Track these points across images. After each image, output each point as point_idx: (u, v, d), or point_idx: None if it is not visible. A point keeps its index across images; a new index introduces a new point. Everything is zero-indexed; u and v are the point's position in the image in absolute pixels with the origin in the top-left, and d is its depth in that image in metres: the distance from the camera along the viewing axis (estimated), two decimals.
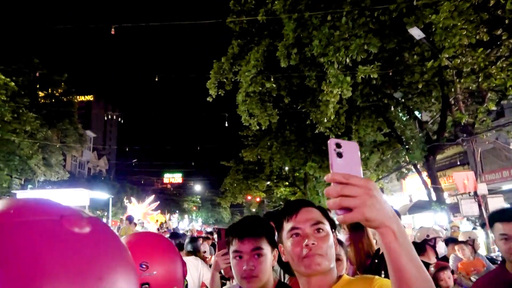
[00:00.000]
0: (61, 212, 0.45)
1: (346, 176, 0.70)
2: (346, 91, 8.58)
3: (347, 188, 0.69)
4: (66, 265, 0.40)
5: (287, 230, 1.21)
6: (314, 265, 1.12)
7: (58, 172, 22.27)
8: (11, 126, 15.84)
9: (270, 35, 11.06)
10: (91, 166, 46.39)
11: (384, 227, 0.71)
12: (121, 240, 0.52)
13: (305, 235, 1.16)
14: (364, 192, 0.69)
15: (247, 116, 11.74)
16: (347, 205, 0.68)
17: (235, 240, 1.49)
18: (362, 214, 0.68)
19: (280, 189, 24.48)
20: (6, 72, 16.86)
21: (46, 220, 0.44)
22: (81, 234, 0.44)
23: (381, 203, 0.71)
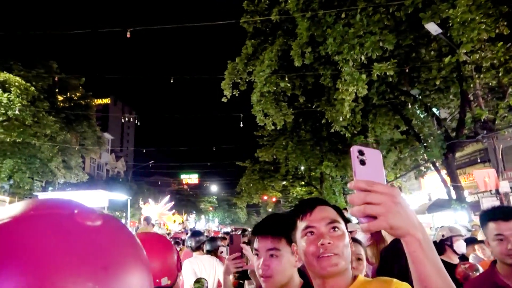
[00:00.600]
0: (74, 208, 0.49)
1: (370, 183, 0.69)
2: (361, 89, 8.49)
3: (371, 195, 0.68)
4: (75, 255, 0.42)
5: (301, 229, 1.18)
6: (330, 266, 1.09)
7: (77, 174, 22.73)
8: (32, 129, 16.24)
9: (284, 35, 11.03)
10: (109, 168, 47.14)
11: (409, 235, 0.69)
12: (135, 237, 0.53)
13: (320, 234, 1.13)
14: (388, 199, 0.68)
15: (262, 116, 11.74)
16: (371, 212, 0.67)
17: (254, 239, 1.52)
18: (387, 222, 0.67)
19: (296, 188, 24.39)
20: (26, 77, 17.29)
21: (59, 214, 0.47)
22: (92, 227, 0.47)
23: (406, 211, 0.69)
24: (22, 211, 0.46)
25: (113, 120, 61.89)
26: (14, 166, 16.49)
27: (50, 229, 0.44)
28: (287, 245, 1.45)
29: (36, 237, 0.42)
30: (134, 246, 0.51)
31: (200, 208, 51.57)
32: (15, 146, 16.55)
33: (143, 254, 0.52)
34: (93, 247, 0.45)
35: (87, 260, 0.43)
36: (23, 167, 16.98)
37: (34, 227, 0.43)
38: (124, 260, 0.47)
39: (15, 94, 14.82)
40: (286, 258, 1.44)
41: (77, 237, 0.45)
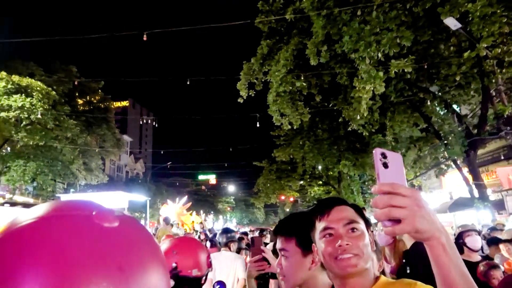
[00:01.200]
0: (93, 209, 0.50)
1: (394, 186, 0.68)
2: (379, 87, 8.37)
3: (396, 198, 0.67)
4: (90, 255, 0.44)
5: (319, 230, 1.15)
6: (349, 266, 1.06)
7: (98, 176, 23.19)
8: (54, 133, 16.65)
9: (299, 34, 10.98)
10: (128, 169, 47.91)
11: (433, 239, 0.69)
12: (152, 238, 0.54)
13: (339, 235, 1.11)
14: (413, 202, 0.67)
15: (279, 115, 11.71)
16: (396, 215, 0.66)
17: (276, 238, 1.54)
18: (412, 225, 0.66)
19: (314, 188, 24.25)
20: (48, 82, 17.75)
21: (78, 215, 0.49)
22: (110, 228, 0.48)
23: (430, 214, 0.69)
24: (45, 212, 0.48)
25: (131, 122, 62.84)
26: (37, 169, 16.94)
27: (68, 230, 0.45)
28: (296, 246, 1.42)
29: (54, 238, 0.44)
30: (151, 247, 0.52)
31: (218, 209, 51.87)
32: (38, 149, 17.00)
33: (160, 255, 0.53)
34: (109, 248, 0.46)
35: (102, 260, 0.44)
36: (46, 169, 17.42)
37: (54, 228, 0.45)
38: (140, 261, 0.48)
39: (37, 98, 15.22)
40: (295, 259, 1.41)
41: (94, 238, 0.46)
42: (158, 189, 35.86)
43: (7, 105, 14.40)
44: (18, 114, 14.60)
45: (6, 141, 16.79)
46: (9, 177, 16.71)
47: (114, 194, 15.23)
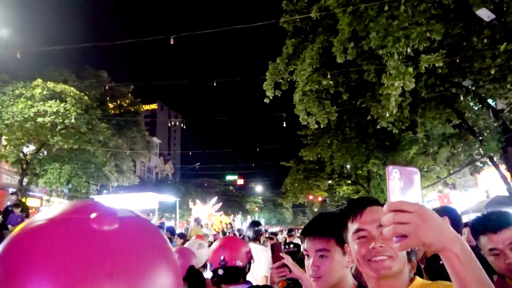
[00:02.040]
0: (93, 212, 0.48)
1: (397, 204, 0.71)
2: (408, 83, 8.15)
3: (400, 215, 0.69)
4: (81, 260, 0.43)
5: (352, 231, 1.14)
6: (383, 268, 1.05)
7: (129, 178, 23.82)
8: (86, 136, 17.22)
9: (325, 32, 10.85)
10: (158, 171, 48.93)
11: (445, 250, 0.70)
12: (163, 240, 0.53)
13: (372, 237, 1.09)
14: (417, 217, 0.69)
15: (305, 115, 11.61)
16: (401, 231, 0.69)
17: (304, 239, 1.52)
18: (417, 239, 0.68)
19: (343, 187, 23.90)
20: (80, 87, 18.39)
21: (75, 218, 0.48)
22: (106, 232, 0.47)
23: (438, 226, 0.70)
24: (52, 215, 0.48)
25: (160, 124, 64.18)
26: (71, 171, 17.58)
27: (61, 234, 0.45)
28: (336, 245, 1.42)
29: (49, 241, 0.44)
30: (157, 250, 0.50)
31: (246, 209, 52.09)
32: (72, 153, 17.64)
33: (169, 258, 0.51)
34: (100, 253, 0.44)
35: (92, 266, 0.43)
36: (80, 172, 18.05)
37: (50, 232, 0.46)
38: (138, 266, 0.46)
39: (71, 103, 15.79)
40: (336, 258, 1.42)
41: (86, 243, 0.45)
42: (187, 189, 36.43)
43: (43, 110, 15.02)
44: (53, 119, 15.20)
45: (43, 145, 17.53)
46: (46, 179, 17.43)
47: (145, 195, 15.61)
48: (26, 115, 14.78)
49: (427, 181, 17.01)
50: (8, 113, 14.73)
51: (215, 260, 2.18)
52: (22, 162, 17.23)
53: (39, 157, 17.61)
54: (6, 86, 15.75)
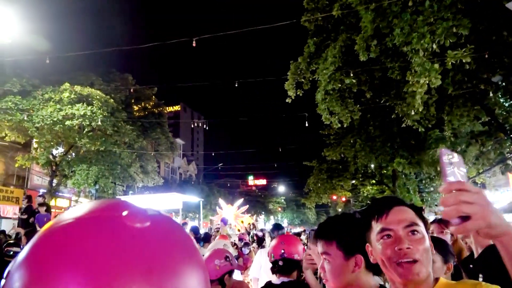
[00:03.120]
0: (124, 209, 0.49)
1: (460, 183, 0.68)
2: (434, 80, 7.93)
3: (465, 194, 0.66)
4: (118, 257, 0.43)
5: (376, 231, 1.09)
6: (411, 274, 1.00)
7: (153, 178, 24.25)
8: (113, 138, 17.65)
9: (347, 29, 10.72)
10: (182, 171, 49.56)
11: (506, 235, 0.67)
12: (189, 238, 0.53)
13: (398, 238, 1.04)
14: (482, 198, 0.66)
15: (328, 114, 11.49)
16: (467, 210, 0.65)
17: None
18: (484, 219, 0.65)
19: (367, 187, 23.53)
20: (106, 90, 18.86)
21: (108, 216, 0.48)
22: (140, 229, 0.47)
23: (497, 211, 0.67)
24: (78, 213, 0.48)
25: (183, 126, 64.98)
26: (98, 172, 18.04)
27: (97, 231, 0.45)
28: (337, 249, 1.38)
29: (83, 239, 0.44)
30: (185, 248, 0.50)
31: (269, 209, 52.07)
32: (99, 154, 18.11)
33: (196, 256, 0.51)
34: (137, 249, 0.45)
35: (130, 262, 0.43)
36: (107, 173, 18.50)
37: (84, 230, 0.46)
38: (171, 262, 0.46)
39: (97, 106, 16.22)
40: (337, 262, 1.37)
41: (122, 239, 0.45)
42: (210, 190, 36.77)
43: (71, 113, 15.49)
44: (80, 121, 15.65)
45: (71, 147, 18.08)
46: (74, 180, 17.96)
47: (170, 196, 15.87)
48: (55, 119, 15.27)
49: None
50: (38, 117, 15.27)
51: (276, 253, 2.52)
52: (51, 164, 17.82)
53: (67, 159, 18.17)
54: (37, 90, 16.34)
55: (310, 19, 11.34)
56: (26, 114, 15.21)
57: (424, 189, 20.35)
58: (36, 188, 20.94)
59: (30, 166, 19.77)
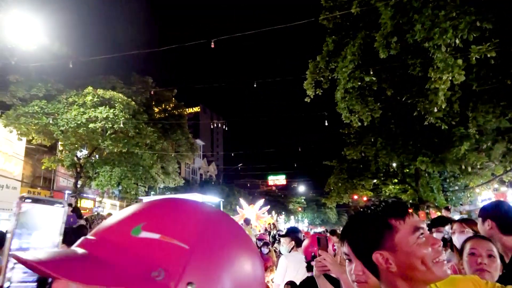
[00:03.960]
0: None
1: None
2: (458, 76, 7.73)
3: None
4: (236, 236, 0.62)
5: (406, 231, 1.05)
6: (445, 272, 1.01)
7: (175, 179, 24.54)
8: (134, 140, 17.95)
9: (366, 27, 10.57)
10: (202, 172, 49.99)
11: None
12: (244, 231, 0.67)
13: (429, 236, 1.05)
14: None
15: (347, 113, 11.37)
16: None
17: None
18: None
19: (389, 187, 23.12)
20: (127, 93, 19.22)
21: (224, 213, 0.66)
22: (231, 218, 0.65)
23: None
24: (213, 211, 0.63)
25: (203, 126, 65.58)
26: (121, 174, 18.39)
27: (235, 223, 0.64)
28: (351, 251, 1.29)
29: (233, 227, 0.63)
30: (246, 238, 0.64)
31: (289, 209, 51.91)
32: (121, 156, 18.46)
33: (253, 243, 0.65)
34: (243, 232, 0.64)
35: (245, 242, 0.62)
36: (129, 174, 18.84)
37: (231, 222, 0.64)
38: (251, 244, 0.64)
39: (119, 109, 16.54)
40: (353, 265, 1.30)
41: (235, 225, 0.63)
42: (231, 190, 36.94)
43: (94, 116, 15.85)
44: (103, 124, 15.99)
45: (94, 149, 18.50)
46: (98, 181, 18.37)
47: (191, 196, 16.02)
48: (79, 122, 15.66)
49: (480, 179, 16.06)
50: (63, 120, 15.70)
51: (308, 254, 2.58)
52: (76, 165, 18.28)
53: (91, 160, 18.60)
54: (61, 94, 16.80)
55: (329, 17, 11.24)
56: (51, 118, 15.66)
57: (448, 188, 19.86)
58: (61, 190, 21.54)
59: (56, 168, 20.35)
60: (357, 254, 1.15)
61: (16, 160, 18.81)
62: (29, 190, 20.02)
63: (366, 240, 1.10)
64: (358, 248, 1.14)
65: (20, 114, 15.44)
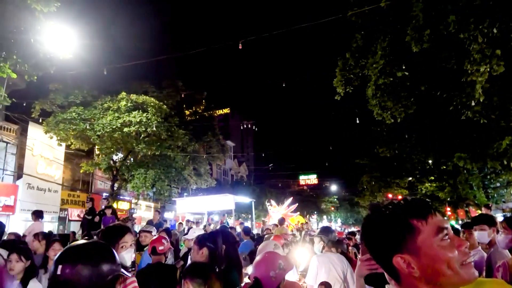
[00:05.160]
0: None
1: None
2: (496, 67, 7.36)
3: None
4: None
5: (430, 232, 0.98)
6: (474, 275, 0.95)
7: (206, 180, 24.88)
8: (167, 143, 18.34)
9: (396, 21, 10.28)
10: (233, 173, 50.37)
11: None
12: None
13: (453, 237, 0.98)
14: None
15: (379, 110, 11.10)
16: None
17: None
18: None
19: (425, 184, 22.39)
20: (159, 97, 19.67)
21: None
22: None
23: None
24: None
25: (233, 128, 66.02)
26: (155, 176, 18.85)
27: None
28: None
29: None
30: None
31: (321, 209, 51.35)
32: (155, 158, 18.91)
33: None
34: None
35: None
36: (162, 176, 19.27)
37: None
38: None
39: (152, 113, 16.95)
40: None
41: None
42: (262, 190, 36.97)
43: (128, 121, 16.33)
44: (137, 128, 16.44)
45: (129, 153, 19.06)
46: (133, 184, 18.91)
47: (222, 197, 16.18)
48: (114, 126, 16.19)
49: None
50: (99, 125, 16.29)
51: None
52: (112, 169, 18.90)
53: (126, 163, 19.16)
54: (96, 101, 17.44)
55: (357, 13, 11.02)
56: (88, 123, 16.28)
57: (489, 185, 18.98)
58: (99, 192, 22.35)
59: (94, 172, 21.14)
60: (375, 258, 1.07)
61: (56, 165, 19.71)
62: (69, 193, 20.92)
63: (385, 242, 1.02)
64: (376, 251, 1.06)
65: (59, 120, 16.16)
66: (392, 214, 1.04)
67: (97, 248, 1.35)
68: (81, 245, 1.35)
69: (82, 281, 1.23)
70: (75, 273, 1.24)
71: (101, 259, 1.32)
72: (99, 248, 1.36)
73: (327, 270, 3.85)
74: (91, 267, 1.26)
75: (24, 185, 17.44)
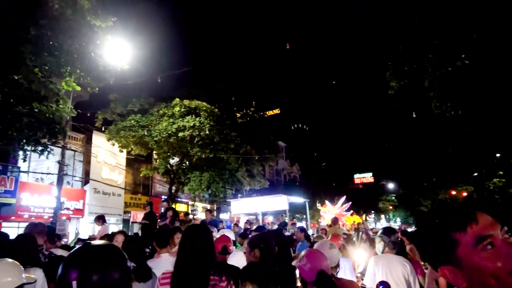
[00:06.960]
0: None
1: None
2: None
3: None
4: None
5: (471, 241, 0.90)
6: None
7: (260, 181, 25.06)
8: (220, 145, 18.73)
9: None
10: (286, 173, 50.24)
11: None
12: None
13: (502, 244, 0.88)
14: None
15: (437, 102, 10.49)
16: None
17: None
18: None
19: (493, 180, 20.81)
20: (211, 101, 20.17)
21: None
22: None
23: None
24: None
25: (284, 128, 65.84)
26: (210, 178, 19.33)
27: None
28: None
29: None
30: None
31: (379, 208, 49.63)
32: (209, 161, 19.39)
33: None
34: None
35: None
36: (217, 178, 19.71)
37: None
38: None
39: (204, 116, 17.43)
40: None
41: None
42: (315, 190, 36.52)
43: (182, 125, 16.91)
44: (191, 132, 16.97)
45: (185, 156, 19.72)
46: (189, 186, 19.54)
47: (276, 197, 16.21)
48: (169, 131, 16.85)
49: None
50: (156, 131, 17.04)
51: None
52: (170, 172, 19.68)
53: (182, 167, 19.85)
54: (152, 108, 18.28)
55: None
56: (146, 130, 17.10)
57: None
58: (158, 195, 23.40)
59: (153, 175, 22.16)
60: (431, 265, 1.06)
61: (119, 170, 20.95)
62: (131, 196, 22.12)
63: (431, 255, 1.01)
64: (427, 261, 1.05)
65: (120, 128, 17.15)
66: (432, 226, 1.00)
67: (107, 251, 1.34)
68: (91, 247, 1.33)
69: (90, 283, 1.23)
70: (82, 275, 1.23)
71: (110, 262, 1.29)
72: (109, 251, 1.34)
73: (385, 271, 3.71)
74: (99, 269, 1.25)
75: (91, 190, 18.72)
